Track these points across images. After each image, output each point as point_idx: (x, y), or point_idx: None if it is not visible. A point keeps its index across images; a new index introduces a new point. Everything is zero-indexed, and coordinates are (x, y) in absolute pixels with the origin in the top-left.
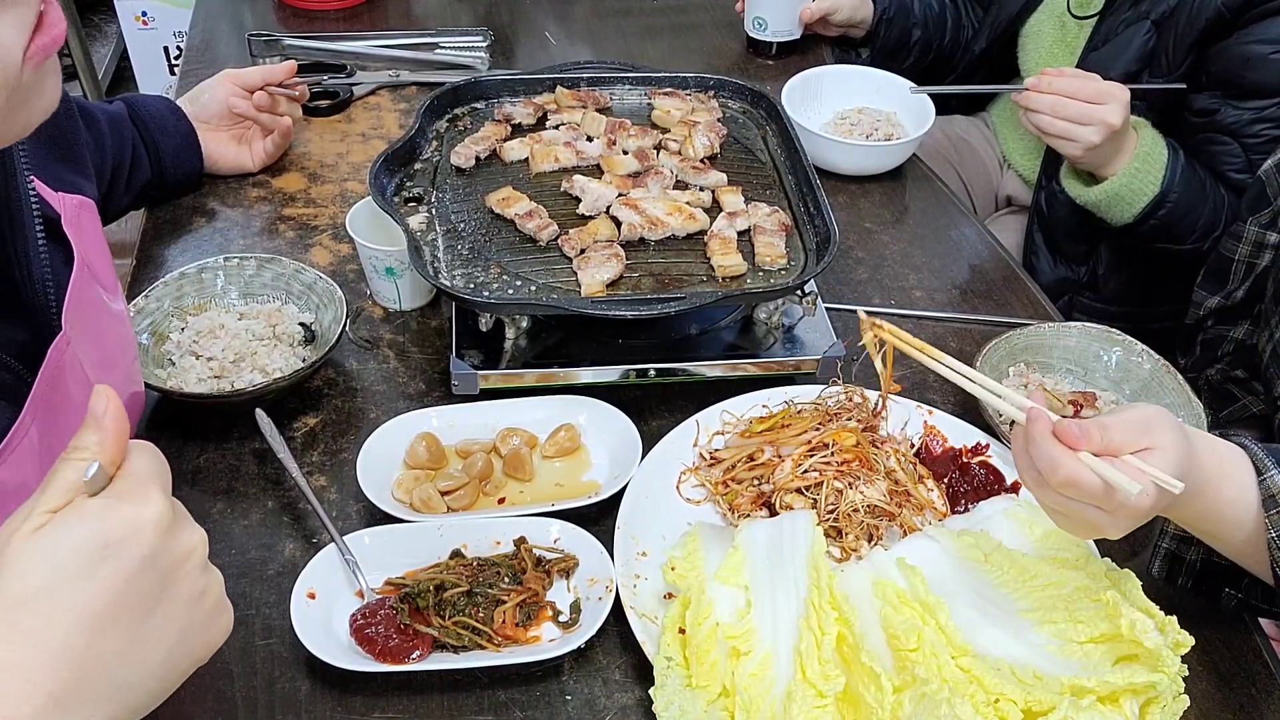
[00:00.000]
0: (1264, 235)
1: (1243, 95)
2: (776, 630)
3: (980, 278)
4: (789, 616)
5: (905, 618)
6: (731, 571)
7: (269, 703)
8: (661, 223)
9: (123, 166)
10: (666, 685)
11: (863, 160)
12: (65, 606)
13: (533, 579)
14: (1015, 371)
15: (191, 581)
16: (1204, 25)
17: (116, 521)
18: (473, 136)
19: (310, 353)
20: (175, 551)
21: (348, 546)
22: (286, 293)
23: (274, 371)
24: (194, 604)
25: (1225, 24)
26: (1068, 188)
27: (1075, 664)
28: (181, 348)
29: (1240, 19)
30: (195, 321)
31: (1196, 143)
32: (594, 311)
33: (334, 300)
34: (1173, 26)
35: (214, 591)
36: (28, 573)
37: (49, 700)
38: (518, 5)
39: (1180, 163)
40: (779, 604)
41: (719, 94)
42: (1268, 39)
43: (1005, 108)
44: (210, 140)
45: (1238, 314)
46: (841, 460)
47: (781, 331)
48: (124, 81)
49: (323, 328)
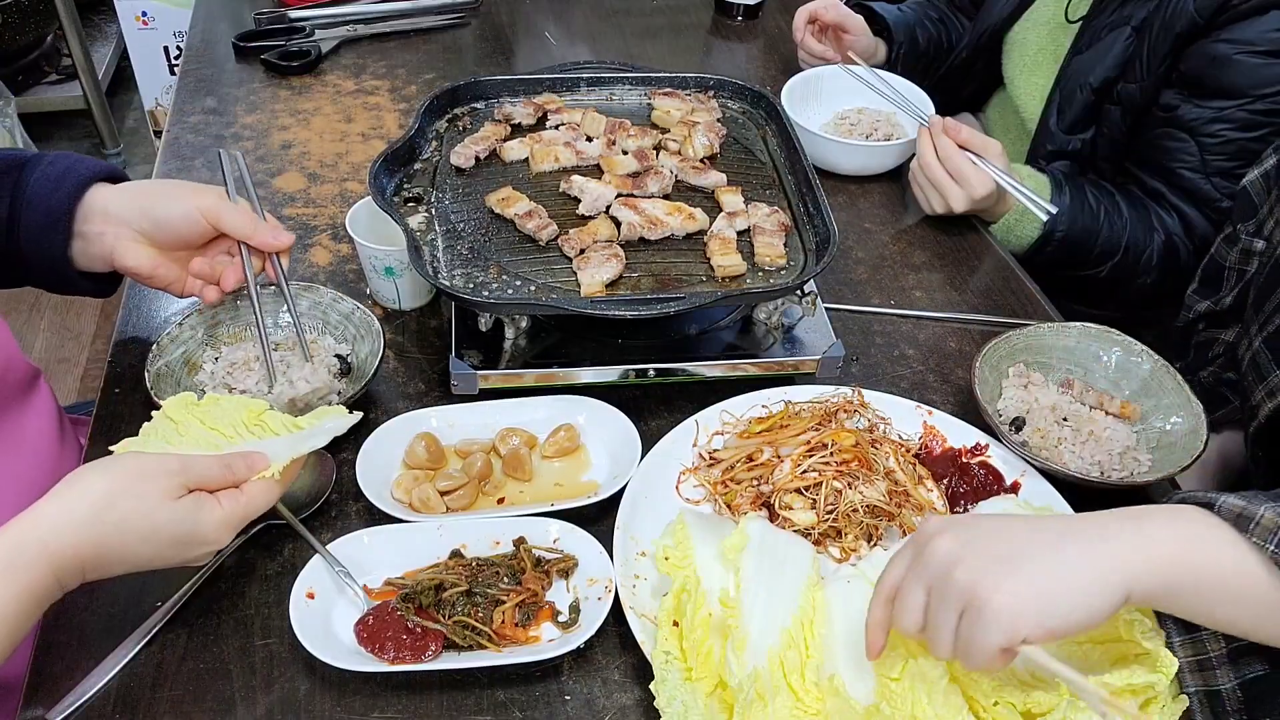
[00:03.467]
0: (1252, 243)
1: (1206, 94)
2: (764, 628)
3: (980, 278)
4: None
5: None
6: (733, 549)
7: (268, 703)
8: (661, 223)
9: None
10: (667, 680)
11: (862, 160)
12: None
13: (532, 579)
14: (1015, 371)
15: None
16: (1178, 30)
17: (202, 534)
18: (472, 136)
19: (346, 385)
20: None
21: (335, 559)
22: (324, 322)
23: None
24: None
25: (1199, 29)
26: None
27: (1075, 664)
28: (215, 379)
29: (1212, 23)
30: (229, 352)
31: (1154, 137)
32: (593, 311)
33: (371, 331)
34: (1149, 32)
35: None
36: (136, 514)
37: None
38: (517, 5)
39: (1065, 199)
40: (772, 604)
41: (719, 94)
42: (1235, 40)
43: (1000, 107)
44: (144, 256)
45: (1227, 318)
46: (841, 460)
47: (781, 331)
48: (124, 81)
49: (359, 360)
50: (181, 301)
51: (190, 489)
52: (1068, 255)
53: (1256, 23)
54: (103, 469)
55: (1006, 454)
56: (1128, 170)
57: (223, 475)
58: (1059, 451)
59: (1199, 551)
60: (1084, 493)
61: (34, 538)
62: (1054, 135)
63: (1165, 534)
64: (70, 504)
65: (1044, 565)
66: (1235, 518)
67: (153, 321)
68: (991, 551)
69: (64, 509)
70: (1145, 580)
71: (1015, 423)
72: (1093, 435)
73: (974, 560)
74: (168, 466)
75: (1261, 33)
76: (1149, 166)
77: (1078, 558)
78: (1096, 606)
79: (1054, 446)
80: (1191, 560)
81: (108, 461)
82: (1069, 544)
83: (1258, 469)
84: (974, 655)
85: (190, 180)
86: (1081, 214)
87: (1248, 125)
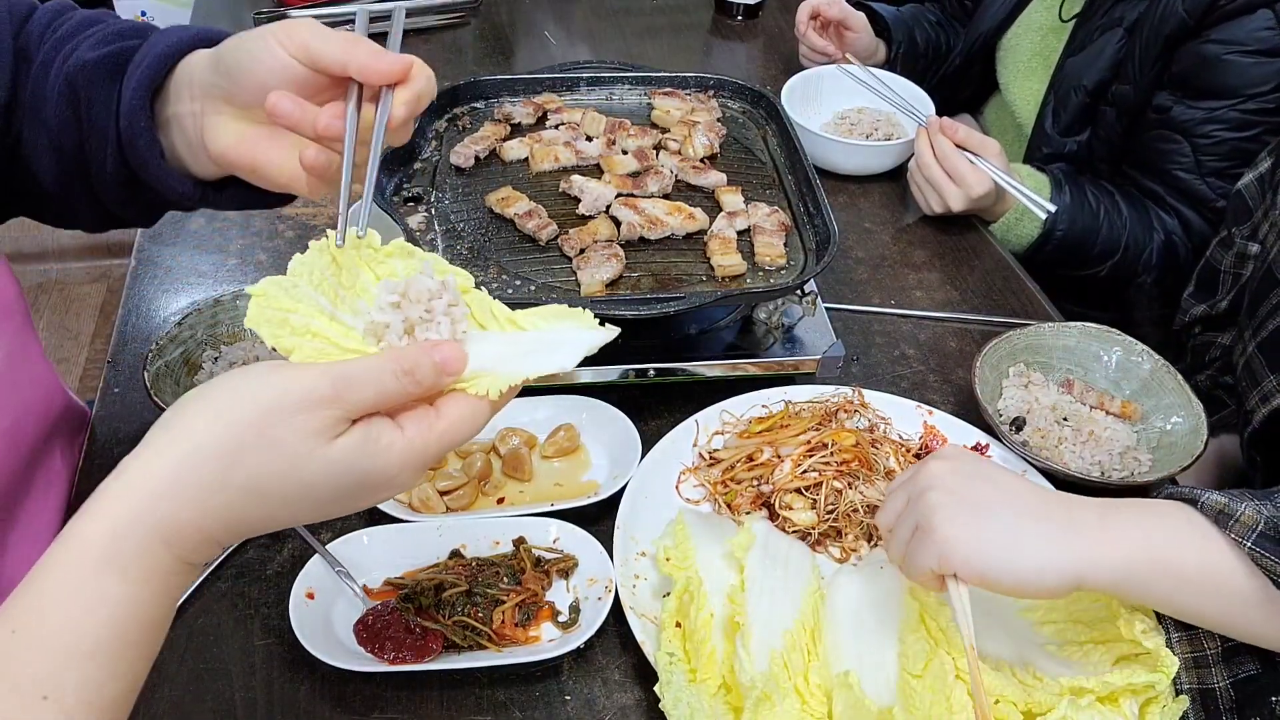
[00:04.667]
0: (1246, 246)
1: (1198, 95)
2: (767, 628)
3: (980, 277)
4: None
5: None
6: (740, 548)
7: (268, 703)
8: (661, 222)
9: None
10: (672, 682)
11: (862, 160)
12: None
13: (532, 579)
14: (1015, 371)
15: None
16: (1169, 32)
17: (380, 478)
18: (472, 136)
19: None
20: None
21: (335, 558)
22: None
23: None
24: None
25: (1189, 30)
26: None
27: (1075, 664)
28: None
29: (1202, 23)
30: (229, 351)
31: (1148, 139)
32: (594, 311)
33: None
34: (1140, 34)
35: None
36: (299, 466)
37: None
38: (517, 5)
39: (1065, 198)
40: (775, 605)
41: (719, 94)
42: (1225, 40)
43: (997, 110)
44: (232, 134)
45: (1223, 322)
46: (841, 460)
47: (781, 331)
48: None
49: None
50: (181, 301)
51: (354, 419)
52: (1068, 254)
53: (1245, 22)
54: (216, 409)
55: (1007, 454)
56: (1124, 172)
57: (402, 388)
58: (1059, 451)
59: (1168, 545)
60: (1084, 493)
61: (131, 518)
62: (1050, 138)
63: (1133, 530)
64: (176, 468)
65: (1000, 527)
66: (1216, 514)
67: (152, 321)
68: (967, 493)
69: (167, 477)
70: (1100, 572)
71: (1015, 423)
72: (1093, 435)
73: (947, 494)
74: (314, 393)
75: (1250, 32)
76: (1145, 168)
77: (1035, 537)
78: (1034, 582)
79: (1054, 446)
80: (1157, 555)
81: (222, 390)
82: (1035, 522)
83: (1254, 472)
84: (911, 568)
85: None
86: (1081, 213)
87: (1240, 125)
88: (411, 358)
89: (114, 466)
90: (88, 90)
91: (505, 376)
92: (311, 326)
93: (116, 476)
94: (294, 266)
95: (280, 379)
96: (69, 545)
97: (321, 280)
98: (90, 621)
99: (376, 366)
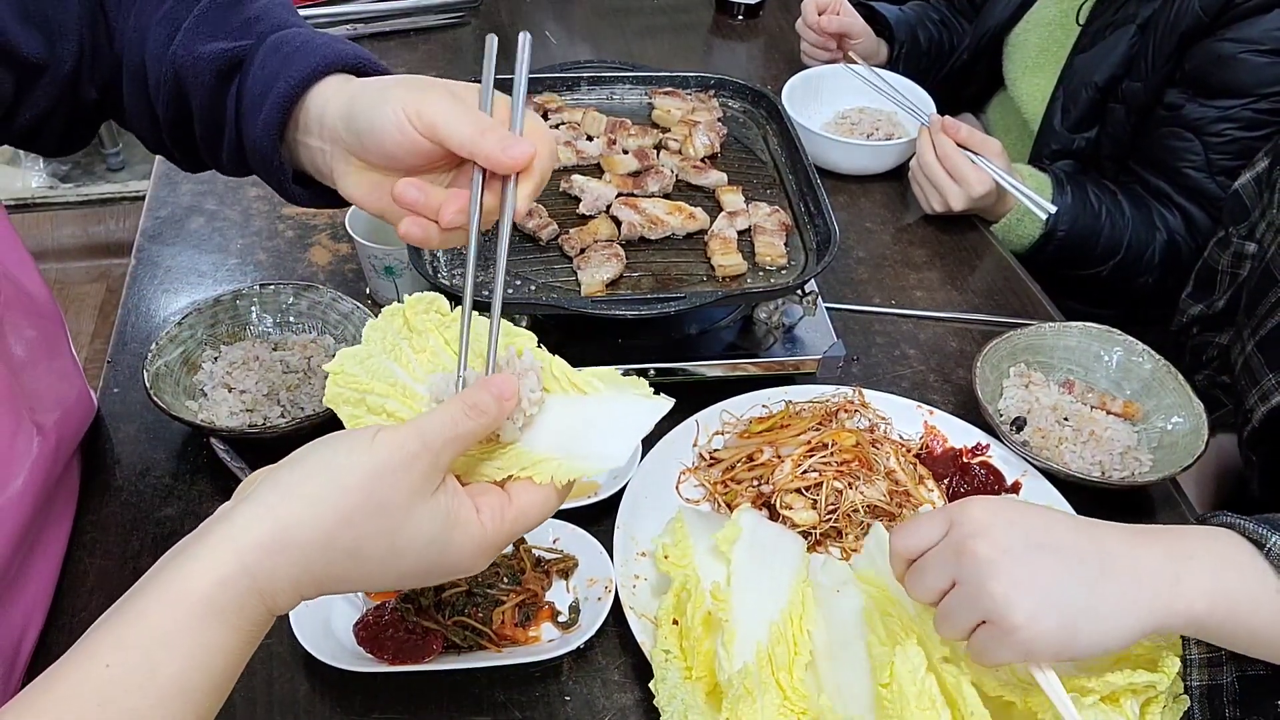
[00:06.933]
0: (1244, 246)
1: (1211, 93)
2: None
3: (981, 277)
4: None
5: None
6: (725, 541)
7: (268, 703)
8: (661, 222)
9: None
10: (666, 679)
11: (863, 160)
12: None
13: (532, 579)
14: (1016, 371)
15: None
16: (1183, 29)
17: (451, 562)
18: None
19: None
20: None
21: None
22: (323, 322)
23: (307, 408)
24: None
25: (1203, 27)
26: None
27: (1075, 664)
28: (214, 379)
29: (1217, 21)
30: (229, 351)
31: (1158, 136)
32: (594, 311)
33: None
34: (1154, 31)
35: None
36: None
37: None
38: (517, 5)
39: (1067, 198)
40: (761, 597)
41: (719, 93)
42: (1240, 39)
43: (1000, 108)
44: (365, 183)
45: (1221, 322)
46: (841, 460)
47: (781, 331)
48: None
49: None
50: (181, 301)
51: (444, 473)
52: (1069, 254)
53: (1261, 21)
54: (329, 474)
55: (1007, 454)
56: (1131, 169)
57: (473, 424)
58: (1060, 451)
59: (1235, 595)
60: (1085, 493)
61: (239, 569)
62: (1058, 134)
63: (1204, 580)
64: (288, 526)
65: (1079, 606)
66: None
67: (152, 321)
68: (1032, 574)
69: (279, 535)
70: (1171, 622)
71: (1016, 423)
72: (1094, 435)
73: (1010, 579)
74: (405, 449)
75: (1266, 31)
76: (1153, 166)
77: (1115, 601)
78: (1116, 644)
79: (1055, 446)
80: (1226, 607)
81: (332, 452)
82: (1108, 584)
83: (1252, 472)
84: (984, 659)
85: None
86: (1083, 213)
87: (1252, 124)
88: (473, 395)
89: (113, 466)
90: (196, 83)
91: (568, 469)
92: (387, 407)
93: (219, 524)
94: (368, 333)
95: (378, 444)
96: (170, 588)
97: (395, 344)
98: (187, 665)
99: (447, 408)
